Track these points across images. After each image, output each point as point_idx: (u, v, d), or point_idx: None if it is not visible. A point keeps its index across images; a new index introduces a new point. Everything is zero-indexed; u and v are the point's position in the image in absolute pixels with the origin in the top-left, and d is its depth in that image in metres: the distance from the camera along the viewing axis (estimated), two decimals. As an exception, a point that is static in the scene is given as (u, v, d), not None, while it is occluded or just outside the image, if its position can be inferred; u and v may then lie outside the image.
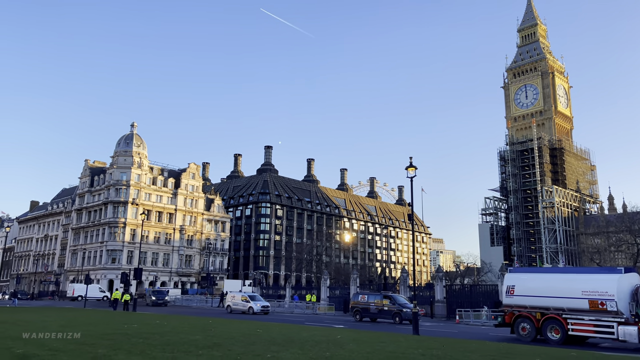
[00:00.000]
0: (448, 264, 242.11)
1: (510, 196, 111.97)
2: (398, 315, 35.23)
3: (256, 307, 44.24)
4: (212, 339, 17.79)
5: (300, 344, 17.01)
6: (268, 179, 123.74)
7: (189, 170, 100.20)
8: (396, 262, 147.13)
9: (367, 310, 37.59)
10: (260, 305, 44.69)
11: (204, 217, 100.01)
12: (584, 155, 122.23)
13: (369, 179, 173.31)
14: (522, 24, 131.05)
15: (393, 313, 35.59)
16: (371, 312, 37.29)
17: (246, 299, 45.58)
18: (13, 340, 16.27)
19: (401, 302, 36.11)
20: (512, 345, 19.85)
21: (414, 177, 27.50)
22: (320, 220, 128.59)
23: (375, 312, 36.96)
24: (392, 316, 35.49)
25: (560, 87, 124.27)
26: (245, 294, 47.71)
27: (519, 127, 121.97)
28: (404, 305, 35.67)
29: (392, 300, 36.36)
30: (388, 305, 36.10)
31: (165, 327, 23.81)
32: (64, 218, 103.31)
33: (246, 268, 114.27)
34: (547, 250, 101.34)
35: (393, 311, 35.64)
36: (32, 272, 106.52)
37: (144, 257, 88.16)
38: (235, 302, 46.81)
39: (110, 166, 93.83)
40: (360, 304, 38.44)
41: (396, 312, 35.48)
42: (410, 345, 17.54)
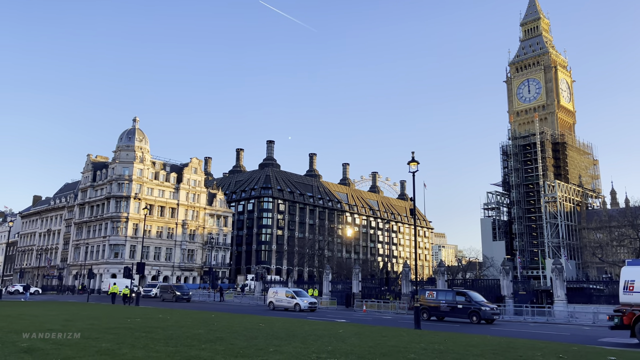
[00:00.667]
0: (450, 259, 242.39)
1: (512, 191, 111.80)
2: (475, 314, 32.28)
3: (303, 303, 41.80)
4: (214, 333, 17.90)
5: (302, 338, 17.09)
6: (270, 174, 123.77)
7: (191, 165, 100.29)
8: (398, 256, 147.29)
9: (437, 308, 34.57)
10: (307, 302, 42.17)
11: (206, 211, 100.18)
12: (586, 149, 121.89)
13: (371, 173, 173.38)
14: (524, 18, 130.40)
15: (470, 311, 32.63)
16: (442, 310, 34.41)
17: (291, 295, 43.08)
18: (17, 334, 16.39)
19: (478, 300, 33.48)
20: (513, 339, 19.90)
21: (416, 171, 27.52)
22: (323, 214, 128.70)
23: (447, 311, 34.04)
24: (468, 315, 32.63)
25: (563, 81, 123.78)
26: (290, 290, 44.91)
27: (521, 121, 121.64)
28: (482, 303, 33.14)
29: (467, 297, 33.48)
30: (463, 302, 33.25)
31: (168, 321, 23.94)
32: (66, 213, 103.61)
33: (248, 262, 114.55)
34: (549, 244, 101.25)
35: (469, 309, 32.67)
36: (35, 266, 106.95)
37: (147, 251, 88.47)
38: (279, 298, 44.18)
39: (112, 161, 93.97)
40: (427, 301, 35.18)
41: (473, 311, 32.48)
42: (412, 340, 17.61)
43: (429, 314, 34.78)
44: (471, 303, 32.89)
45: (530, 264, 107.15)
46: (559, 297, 37.79)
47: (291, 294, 43.56)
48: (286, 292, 44.47)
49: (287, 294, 43.76)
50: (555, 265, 39.89)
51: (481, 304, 33.02)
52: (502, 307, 39.25)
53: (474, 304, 32.79)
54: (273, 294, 45.62)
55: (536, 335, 23.99)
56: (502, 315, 37.92)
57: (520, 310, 38.03)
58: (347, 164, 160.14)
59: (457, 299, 33.68)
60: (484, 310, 32.32)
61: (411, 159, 27.42)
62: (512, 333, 26.08)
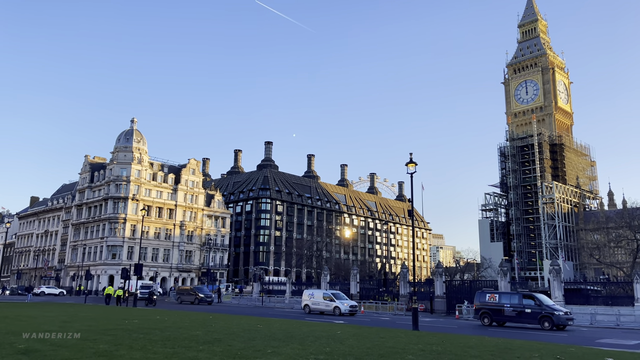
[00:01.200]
0: (448, 260, 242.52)
1: (510, 192, 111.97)
2: (547, 319, 29.43)
3: (343, 307, 39.31)
4: (212, 335, 17.89)
5: (300, 339, 17.09)
6: (268, 175, 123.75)
7: (189, 166, 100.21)
8: (396, 257, 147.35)
9: (500, 312, 31.79)
10: (348, 305, 39.62)
11: (204, 212, 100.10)
12: (584, 151, 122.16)
13: (369, 174, 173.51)
14: (522, 20, 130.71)
15: (540, 317, 29.82)
16: (506, 314, 31.56)
17: (330, 298, 40.57)
18: (15, 335, 16.35)
19: (549, 304, 30.91)
20: (511, 340, 19.93)
21: (414, 173, 27.59)
22: (321, 216, 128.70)
23: (513, 316, 31.27)
24: (538, 320, 29.85)
25: (561, 82, 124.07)
26: (328, 292, 42.23)
27: (519, 122, 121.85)
28: (554, 307, 30.55)
29: (536, 300, 30.69)
30: (532, 306, 30.45)
31: (165, 322, 23.92)
32: (64, 214, 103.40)
33: (246, 264, 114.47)
34: (546, 246, 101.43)
35: (539, 314, 29.88)
36: (33, 267, 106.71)
37: (144, 252, 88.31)
38: (316, 301, 41.65)
39: (110, 162, 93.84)
40: (488, 304, 32.48)
41: (545, 316, 29.68)
42: (410, 341, 17.62)
43: (491, 319, 32.13)
44: (542, 307, 30.20)
45: (528, 265, 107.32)
46: (556, 298, 37.87)
47: (329, 296, 41.14)
48: (323, 294, 41.87)
49: (324, 297, 41.31)
50: (552, 266, 40.01)
51: (553, 308, 30.51)
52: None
53: (546, 308, 30.07)
54: (308, 296, 43.10)
55: (534, 337, 24.04)
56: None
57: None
58: (346, 165, 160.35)
59: (525, 302, 30.98)
60: (557, 315, 29.56)
61: (409, 161, 27.49)
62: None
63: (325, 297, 41.17)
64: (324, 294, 41.90)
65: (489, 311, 32.37)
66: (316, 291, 44.12)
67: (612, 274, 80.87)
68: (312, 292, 43.55)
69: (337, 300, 40.09)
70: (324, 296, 41.43)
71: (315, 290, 44.63)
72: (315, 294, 42.86)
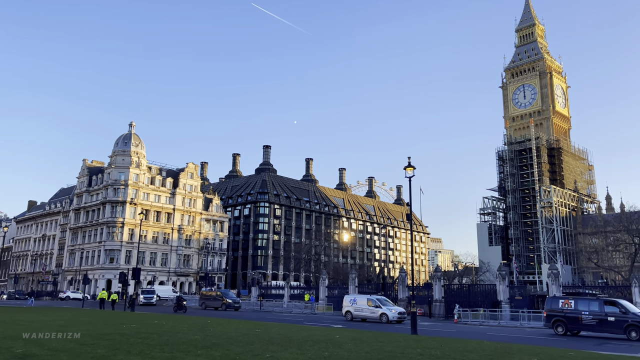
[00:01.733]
0: (446, 264, 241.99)
1: (508, 196, 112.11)
2: (636, 328, 26.07)
3: (391, 313, 36.60)
4: (210, 339, 17.83)
5: (298, 343, 17.05)
6: (266, 179, 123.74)
7: (187, 170, 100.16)
8: (395, 261, 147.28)
9: (577, 320, 28.43)
10: (396, 312, 36.91)
11: (202, 216, 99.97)
12: (581, 155, 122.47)
13: (367, 178, 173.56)
14: (520, 24, 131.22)
15: (626, 325, 26.38)
16: (584, 323, 28.12)
17: (376, 304, 37.72)
18: (13, 340, 16.28)
19: (636, 311, 27.47)
20: (510, 344, 19.90)
21: (412, 176, 27.63)
22: (319, 219, 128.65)
23: (592, 324, 27.81)
24: (623, 330, 26.44)
25: (558, 87, 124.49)
26: (373, 298, 39.10)
27: (517, 126, 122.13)
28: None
29: (620, 307, 27.32)
30: (616, 314, 27.02)
31: (163, 327, 23.85)
32: (61, 218, 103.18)
33: (244, 268, 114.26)
34: (545, 249, 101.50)
35: (626, 323, 26.42)
36: (30, 272, 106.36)
37: (142, 256, 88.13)
38: (359, 307, 38.86)
39: (108, 166, 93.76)
40: (563, 312, 29.03)
41: (632, 325, 26.29)
42: (408, 345, 17.59)
43: (565, 327, 28.69)
44: (627, 315, 26.94)
45: (527, 269, 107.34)
46: (555, 302, 37.81)
47: (375, 302, 38.23)
48: (368, 300, 38.91)
49: (369, 303, 38.46)
50: (551, 270, 40.01)
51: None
52: (499, 312, 39.34)
53: (633, 316, 26.73)
54: (350, 302, 40.06)
55: (533, 340, 24.01)
56: (499, 321, 38.01)
57: (517, 315, 38.06)
58: (344, 169, 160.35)
59: (607, 309, 27.55)
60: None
61: (407, 164, 27.52)
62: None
63: (370, 303, 38.53)
64: (369, 299, 39.12)
65: (563, 319, 29.05)
66: (359, 296, 41.24)
67: (610, 278, 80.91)
68: (354, 298, 40.84)
69: (383, 307, 37.57)
70: (368, 302, 38.72)
71: (357, 296, 41.81)
72: (358, 299, 40.14)
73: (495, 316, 38.82)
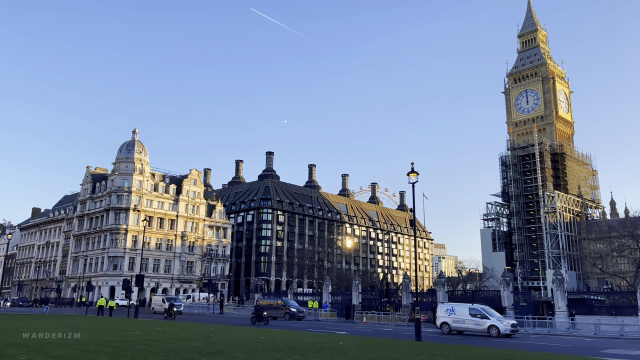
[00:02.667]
0: (450, 270, 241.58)
1: (512, 201, 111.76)
2: None
3: (502, 326, 31.33)
4: (214, 346, 17.80)
5: (302, 350, 16.99)
6: (269, 185, 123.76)
7: (191, 177, 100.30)
8: (398, 267, 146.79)
9: None
10: (509, 324, 31.71)
11: (205, 223, 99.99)
12: (585, 160, 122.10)
13: (370, 184, 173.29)
14: (522, 30, 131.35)
15: None
16: None
17: (481, 315, 32.77)
18: (16, 347, 16.28)
19: None
20: (516, 351, 19.79)
21: (415, 182, 27.59)
22: (322, 226, 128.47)
23: None
24: None
25: (561, 92, 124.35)
26: (477, 308, 33.96)
27: (520, 132, 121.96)
28: None
29: None
30: None
31: (167, 334, 23.82)
32: (65, 225, 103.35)
33: (248, 274, 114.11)
34: (549, 255, 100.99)
35: None
36: (34, 279, 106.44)
37: (146, 263, 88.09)
38: (459, 318, 33.53)
39: (111, 173, 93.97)
40: None
41: None
42: (413, 352, 17.51)
43: None
44: None
45: (531, 274, 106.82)
46: (560, 308, 37.68)
47: (480, 312, 32.92)
48: (470, 310, 33.64)
49: (471, 313, 33.21)
50: (555, 276, 39.86)
51: None
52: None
53: None
54: (446, 312, 34.49)
55: (538, 347, 23.86)
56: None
57: (521, 322, 37.86)
58: (347, 175, 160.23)
59: None
60: None
61: (411, 170, 27.50)
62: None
63: (472, 314, 33.16)
64: (471, 309, 33.80)
65: None
66: (458, 305, 35.66)
67: (615, 284, 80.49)
68: (453, 307, 34.90)
69: (491, 318, 32.22)
70: (470, 312, 33.43)
71: (457, 305, 35.85)
72: (457, 309, 34.52)
73: (499, 322, 38.56)
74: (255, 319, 39.79)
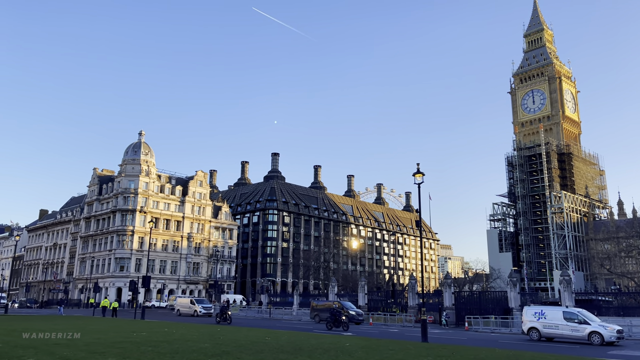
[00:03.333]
0: (456, 271, 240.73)
1: (518, 202, 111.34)
2: None
3: (607, 332, 26.95)
4: (220, 347, 17.83)
5: (308, 351, 16.99)
6: (275, 186, 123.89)
7: (197, 178, 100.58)
8: (404, 268, 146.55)
9: None
10: (614, 330, 27.18)
11: (211, 224, 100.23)
12: (592, 160, 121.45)
13: (375, 185, 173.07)
14: (528, 29, 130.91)
15: None
16: None
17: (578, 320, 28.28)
18: (23, 348, 16.38)
19: None
20: (522, 352, 19.70)
21: (421, 183, 27.52)
22: (328, 227, 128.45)
23: None
24: None
25: (568, 92, 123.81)
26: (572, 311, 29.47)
27: (526, 132, 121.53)
28: None
29: None
30: None
31: (173, 335, 23.89)
32: (72, 226, 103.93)
33: (254, 275, 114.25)
34: (556, 256, 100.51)
35: None
36: (42, 280, 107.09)
37: (152, 264, 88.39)
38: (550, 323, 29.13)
39: (118, 174, 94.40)
40: None
41: None
42: (419, 353, 17.47)
43: None
44: None
45: (538, 275, 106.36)
46: (567, 309, 37.42)
47: (577, 316, 28.66)
48: (564, 313, 29.20)
49: (566, 317, 28.78)
50: (563, 276, 39.62)
51: None
52: (510, 320, 38.97)
53: None
54: (535, 316, 30.15)
55: (545, 348, 23.73)
56: (511, 328, 37.64)
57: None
58: (352, 175, 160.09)
59: None
60: None
61: (417, 171, 27.44)
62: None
63: (568, 318, 28.78)
64: (566, 312, 29.38)
65: None
66: (550, 308, 31.16)
67: (623, 284, 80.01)
68: (542, 310, 30.42)
69: (592, 323, 27.92)
70: (565, 316, 29.04)
71: (547, 308, 31.41)
72: (548, 312, 30.09)
73: (506, 323, 38.46)
74: (332, 323, 35.52)
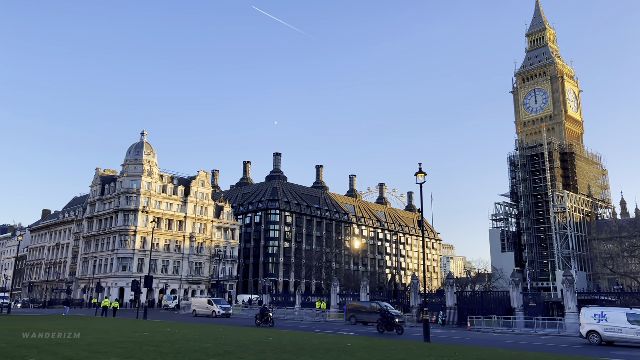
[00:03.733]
0: (459, 271, 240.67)
1: (521, 202, 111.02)
2: None
3: None
4: (223, 347, 17.84)
5: (311, 352, 16.99)
6: (277, 186, 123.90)
7: (199, 178, 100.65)
8: (406, 268, 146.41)
9: None
10: None
11: (213, 224, 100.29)
12: (595, 159, 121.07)
13: (378, 185, 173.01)
14: (530, 29, 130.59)
15: None
16: None
17: None
18: (27, 348, 16.42)
19: None
20: (524, 352, 19.66)
21: (423, 183, 27.48)
22: (330, 227, 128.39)
23: None
24: None
25: (570, 91, 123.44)
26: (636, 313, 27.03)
27: (528, 132, 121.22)
28: None
29: None
30: None
31: (176, 335, 23.92)
32: (75, 226, 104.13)
33: (256, 275, 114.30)
34: (559, 256, 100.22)
35: None
36: (44, 280, 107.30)
37: (155, 265, 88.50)
38: (613, 326, 26.97)
39: (120, 175, 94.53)
40: None
41: None
42: (422, 353, 17.45)
43: None
44: None
45: (540, 275, 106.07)
46: (570, 310, 37.32)
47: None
48: (629, 315, 26.80)
49: (631, 320, 26.50)
50: (566, 276, 39.50)
51: None
52: (513, 320, 38.91)
53: None
54: (595, 318, 27.73)
55: (548, 348, 23.68)
56: (513, 328, 37.59)
57: (531, 323, 37.63)
58: (354, 175, 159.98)
59: None
60: None
61: (419, 171, 27.40)
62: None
63: (633, 320, 26.42)
64: (630, 314, 26.83)
65: None
66: (611, 310, 28.45)
67: (626, 284, 79.71)
68: (603, 313, 27.88)
69: None
70: (629, 318, 26.55)
71: (609, 310, 28.56)
72: (611, 315, 27.44)
73: (509, 323, 38.41)
74: (384, 326, 32.45)
